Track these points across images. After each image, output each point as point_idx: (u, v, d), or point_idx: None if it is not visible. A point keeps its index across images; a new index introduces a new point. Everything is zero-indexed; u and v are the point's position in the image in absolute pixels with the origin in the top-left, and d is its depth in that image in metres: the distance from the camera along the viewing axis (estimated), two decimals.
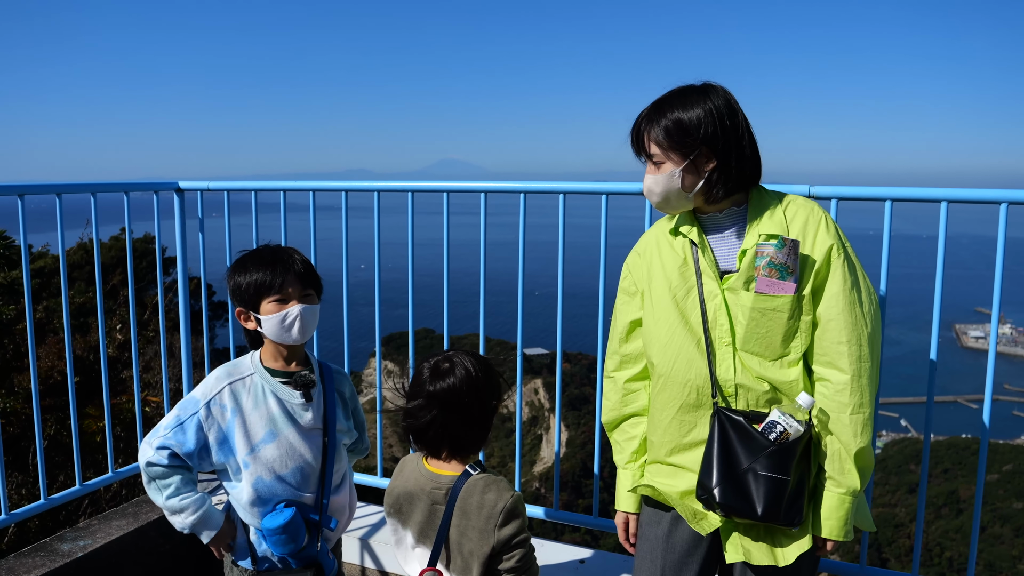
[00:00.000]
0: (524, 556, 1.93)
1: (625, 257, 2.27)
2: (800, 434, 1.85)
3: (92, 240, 3.19)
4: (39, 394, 2.98)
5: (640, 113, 2.01)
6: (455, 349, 2.09)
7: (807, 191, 2.51)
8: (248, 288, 2.18)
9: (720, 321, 1.96)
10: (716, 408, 1.94)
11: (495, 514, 1.89)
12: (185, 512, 2.18)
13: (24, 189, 2.87)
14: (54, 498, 3.10)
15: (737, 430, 1.89)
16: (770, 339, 1.91)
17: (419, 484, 2.01)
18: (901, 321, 59.93)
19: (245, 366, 2.28)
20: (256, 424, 2.21)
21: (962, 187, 2.38)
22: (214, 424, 2.19)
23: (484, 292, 3.13)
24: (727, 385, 1.95)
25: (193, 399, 2.22)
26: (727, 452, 1.89)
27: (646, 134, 1.97)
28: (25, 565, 2.93)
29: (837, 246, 1.91)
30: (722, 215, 2.02)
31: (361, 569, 3.19)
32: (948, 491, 35.42)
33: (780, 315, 1.89)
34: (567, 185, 2.89)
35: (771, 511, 1.84)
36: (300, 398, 2.25)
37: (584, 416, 36.54)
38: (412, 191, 3.17)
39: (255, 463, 2.19)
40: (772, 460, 1.84)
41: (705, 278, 1.99)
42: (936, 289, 2.45)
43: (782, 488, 1.83)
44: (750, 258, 1.92)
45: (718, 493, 1.87)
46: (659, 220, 2.22)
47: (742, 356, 1.94)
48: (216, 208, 3.60)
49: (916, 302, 52.05)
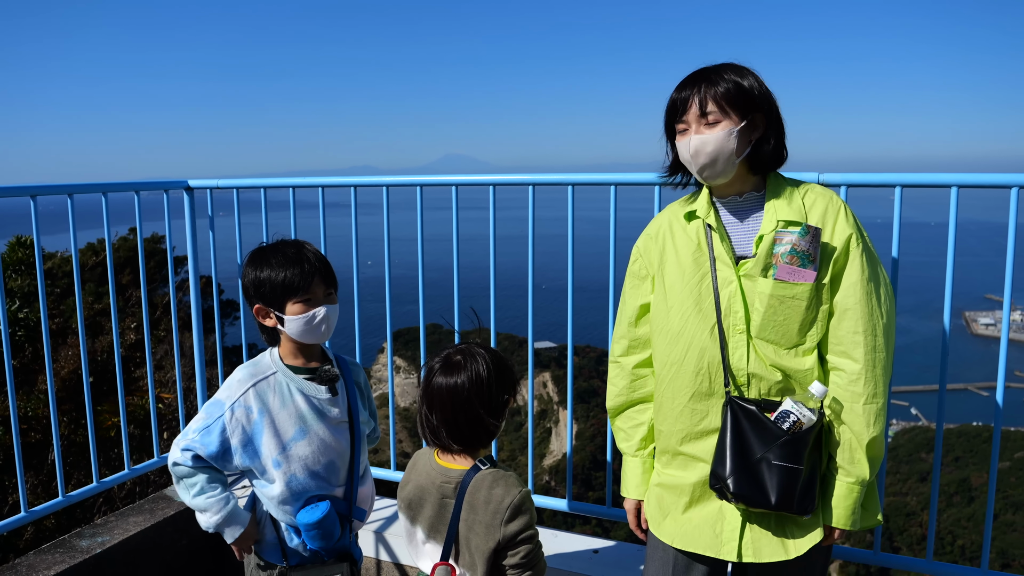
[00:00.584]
0: (530, 552, 1.93)
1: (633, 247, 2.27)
2: (813, 423, 1.85)
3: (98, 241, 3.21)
4: (56, 395, 3.01)
5: (687, 76, 1.96)
6: (469, 342, 2.08)
7: (816, 178, 2.50)
8: (273, 287, 2.17)
9: (735, 308, 1.95)
10: (729, 397, 1.94)
11: (502, 509, 1.89)
12: (209, 512, 2.20)
13: (36, 190, 2.89)
14: (72, 495, 3.13)
15: (750, 419, 1.89)
16: (787, 327, 1.91)
17: (430, 478, 2.02)
18: (910, 309, 59.62)
19: (266, 365, 2.28)
20: (286, 423, 2.21)
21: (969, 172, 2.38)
22: (238, 427, 2.19)
23: (494, 287, 3.13)
24: (740, 374, 1.95)
25: (218, 402, 2.23)
26: (740, 441, 1.89)
27: (705, 90, 1.90)
28: (45, 561, 2.96)
29: (856, 236, 1.91)
30: (741, 199, 2.01)
31: (376, 562, 3.21)
32: (959, 479, 35.31)
33: (799, 303, 1.89)
34: (576, 177, 2.89)
35: (785, 500, 1.84)
36: (326, 393, 2.27)
37: (593, 409, 36.55)
38: (421, 185, 3.18)
39: (287, 461, 2.21)
40: (785, 449, 1.84)
41: (719, 264, 1.98)
42: (947, 275, 2.44)
43: (795, 477, 1.84)
44: (768, 244, 1.92)
45: (732, 482, 1.87)
46: (671, 204, 2.20)
47: (756, 344, 1.94)
48: (223, 207, 3.62)
49: (924, 290, 51.81)
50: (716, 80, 1.91)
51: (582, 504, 3.15)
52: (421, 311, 3.30)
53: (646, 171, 2.64)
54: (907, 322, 57.76)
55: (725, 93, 1.90)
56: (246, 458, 2.20)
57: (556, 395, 42.94)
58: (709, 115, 1.90)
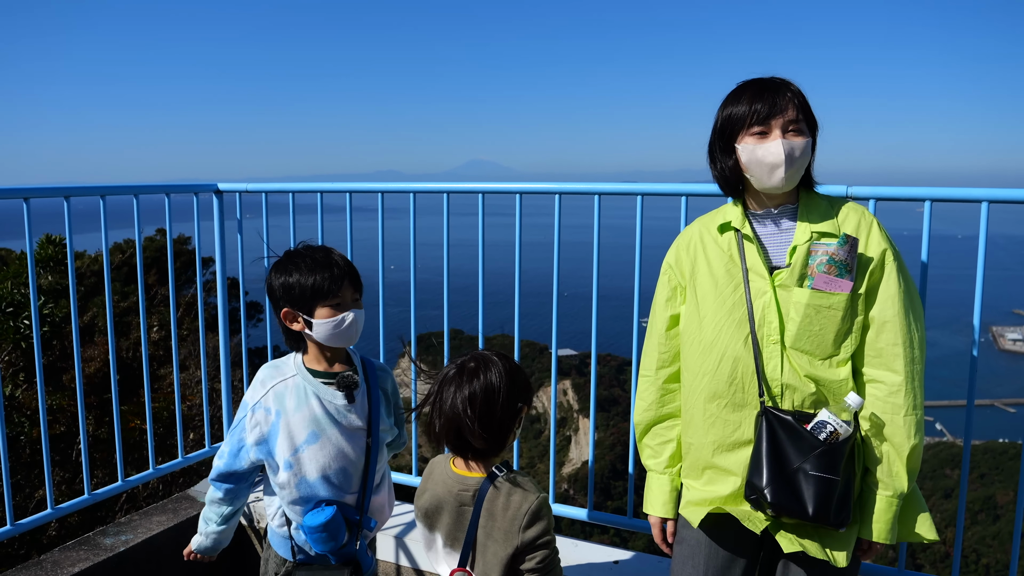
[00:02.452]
0: (547, 557, 1.93)
1: (659, 257, 2.26)
2: (849, 434, 1.84)
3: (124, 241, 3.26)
4: (84, 392, 3.05)
5: (757, 84, 1.97)
6: (485, 350, 2.08)
7: (845, 191, 2.49)
8: (303, 291, 2.19)
9: (769, 318, 1.94)
10: (764, 407, 1.92)
11: (520, 515, 1.89)
12: (202, 535, 2.43)
13: (70, 191, 2.94)
14: (97, 493, 3.17)
15: (786, 429, 1.88)
16: (822, 337, 1.91)
17: (447, 487, 2.02)
18: (936, 324, 58.85)
19: (288, 368, 2.32)
20: (298, 426, 2.23)
21: (993, 187, 2.35)
22: (256, 427, 2.27)
23: (519, 294, 3.13)
24: (774, 384, 1.94)
25: (244, 403, 2.33)
26: (777, 452, 1.87)
27: (792, 99, 1.93)
28: (70, 558, 3.00)
29: (891, 250, 1.93)
30: (776, 211, 2.02)
31: (396, 567, 3.21)
32: (985, 496, 34.75)
33: (835, 313, 1.89)
34: (602, 186, 2.89)
35: (822, 511, 1.83)
36: (343, 399, 2.27)
37: (613, 417, 36.38)
38: (448, 192, 3.19)
39: (298, 464, 2.23)
40: (822, 460, 1.83)
41: (753, 275, 1.98)
42: (976, 290, 2.41)
43: (832, 488, 1.82)
44: (803, 254, 1.92)
45: (769, 493, 1.85)
46: (701, 217, 2.20)
47: (791, 354, 1.93)
48: (251, 210, 3.65)
49: (951, 304, 51.14)
50: (798, 93, 1.94)
51: (602, 514, 3.14)
52: (446, 316, 3.31)
53: (673, 181, 2.64)
54: (933, 336, 56.62)
55: (805, 107, 1.94)
56: (259, 456, 2.27)
57: (576, 403, 42.80)
58: (799, 123, 1.93)
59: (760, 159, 1.92)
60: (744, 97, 1.95)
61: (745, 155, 1.95)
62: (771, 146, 1.90)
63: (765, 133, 1.92)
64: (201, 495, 3.61)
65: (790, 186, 1.95)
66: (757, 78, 1.98)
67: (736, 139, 1.97)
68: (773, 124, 1.91)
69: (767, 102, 1.91)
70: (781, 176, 1.91)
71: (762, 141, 1.92)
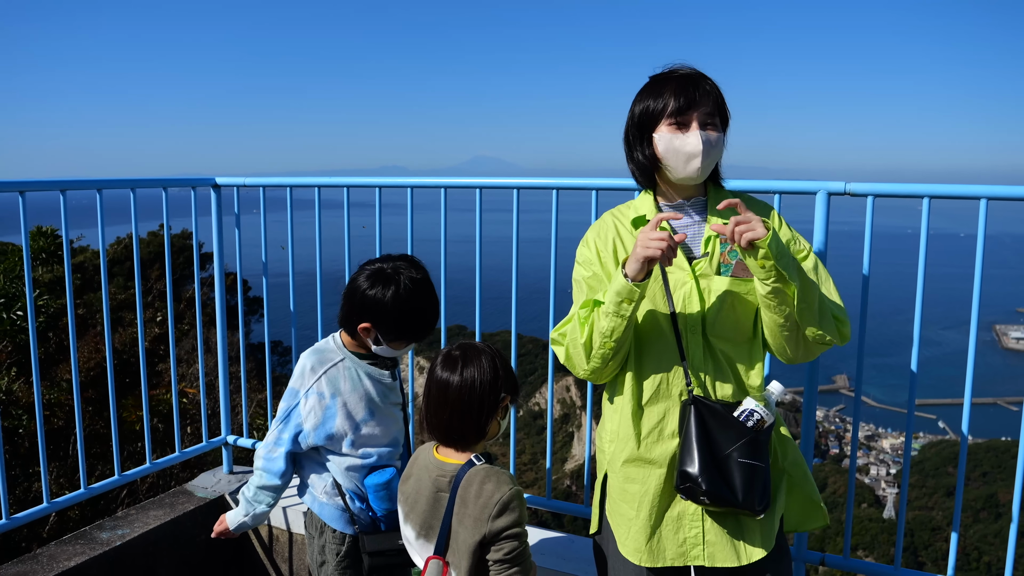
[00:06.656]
0: (515, 549, 1.92)
1: None
2: (772, 421, 1.90)
3: (127, 236, 3.25)
4: (80, 386, 3.05)
5: (682, 70, 1.99)
6: (473, 341, 2.11)
7: (843, 188, 2.48)
8: (393, 327, 2.34)
9: (690, 308, 1.97)
10: (692, 397, 1.94)
11: (490, 504, 1.89)
12: (245, 516, 2.52)
13: (66, 184, 2.93)
14: (94, 488, 3.17)
15: (716, 418, 1.90)
16: (742, 322, 1.98)
17: (427, 472, 2.04)
18: (939, 321, 58.69)
19: (333, 352, 2.46)
20: (356, 405, 2.41)
21: (997, 184, 2.33)
22: (311, 413, 2.38)
23: (516, 289, 3.13)
24: (698, 373, 1.97)
25: (292, 391, 2.43)
26: (707, 440, 1.90)
27: (710, 93, 1.95)
28: (66, 552, 3.00)
29: (795, 234, 2.04)
30: (688, 203, 2.06)
31: None
32: (987, 495, 34.75)
33: (753, 298, 1.95)
34: (599, 182, 2.88)
35: (749, 498, 1.86)
36: (389, 377, 2.49)
37: None
38: (445, 187, 3.19)
39: (360, 439, 2.42)
40: (751, 447, 1.87)
41: (672, 266, 2.00)
42: (975, 288, 2.39)
43: (760, 474, 1.88)
44: (718, 244, 1.99)
45: (704, 481, 1.86)
46: (612, 209, 2.21)
47: (712, 342, 1.97)
48: (251, 204, 3.65)
49: (954, 302, 50.99)
50: (715, 88, 1.97)
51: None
52: (443, 312, 3.30)
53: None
54: (935, 334, 56.90)
55: (720, 102, 1.98)
56: (317, 439, 2.38)
57: (579, 399, 42.84)
58: (714, 117, 1.96)
59: (678, 149, 1.95)
60: (665, 90, 1.97)
61: (662, 145, 1.97)
62: (689, 137, 1.94)
63: (684, 124, 1.95)
64: (199, 489, 3.61)
65: (703, 177, 1.99)
66: (674, 70, 2.00)
67: (654, 129, 2.00)
68: (691, 117, 1.94)
69: (687, 95, 1.94)
70: (697, 166, 1.94)
71: (680, 132, 1.95)
